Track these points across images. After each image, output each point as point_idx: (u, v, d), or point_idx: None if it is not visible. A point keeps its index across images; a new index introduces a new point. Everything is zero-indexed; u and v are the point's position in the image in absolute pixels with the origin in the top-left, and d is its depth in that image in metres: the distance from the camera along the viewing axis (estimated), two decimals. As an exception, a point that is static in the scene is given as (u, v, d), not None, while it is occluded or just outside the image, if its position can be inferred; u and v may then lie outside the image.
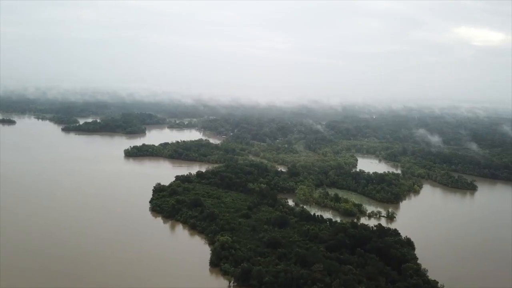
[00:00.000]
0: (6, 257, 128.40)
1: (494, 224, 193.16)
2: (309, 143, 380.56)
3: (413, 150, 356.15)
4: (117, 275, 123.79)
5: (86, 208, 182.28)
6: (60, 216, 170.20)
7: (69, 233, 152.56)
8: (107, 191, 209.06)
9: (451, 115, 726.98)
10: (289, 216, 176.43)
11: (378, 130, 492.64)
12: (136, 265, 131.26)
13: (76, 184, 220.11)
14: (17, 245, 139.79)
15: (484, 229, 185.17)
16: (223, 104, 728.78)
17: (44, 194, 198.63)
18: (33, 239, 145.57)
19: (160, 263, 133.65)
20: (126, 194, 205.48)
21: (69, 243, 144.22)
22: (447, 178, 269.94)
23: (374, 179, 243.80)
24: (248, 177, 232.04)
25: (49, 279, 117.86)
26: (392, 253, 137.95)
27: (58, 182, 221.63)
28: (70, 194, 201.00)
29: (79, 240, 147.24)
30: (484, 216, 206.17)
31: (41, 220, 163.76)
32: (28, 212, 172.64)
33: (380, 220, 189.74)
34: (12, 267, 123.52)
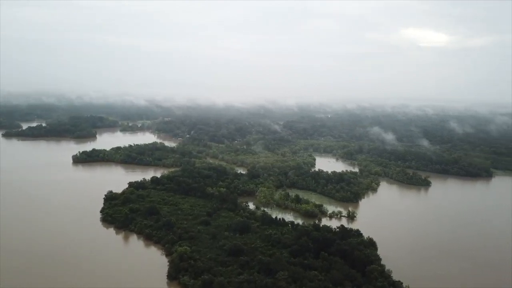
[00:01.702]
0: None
1: (449, 219, 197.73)
2: (267, 143, 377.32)
3: (369, 148, 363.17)
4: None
5: (28, 222, 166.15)
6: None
7: (7, 252, 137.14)
8: (53, 203, 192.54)
9: (402, 113, 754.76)
10: (250, 220, 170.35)
11: (334, 129, 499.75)
12: (87, 281, 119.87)
13: (16, 195, 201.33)
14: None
15: (440, 224, 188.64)
16: (179, 105, 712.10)
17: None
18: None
19: (114, 278, 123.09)
20: (74, 205, 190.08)
21: (6, 263, 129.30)
22: (403, 175, 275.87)
23: (333, 179, 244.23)
24: (206, 181, 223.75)
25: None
26: (356, 255, 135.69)
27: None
28: (10, 208, 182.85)
29: (19, 259, 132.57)
30: (440, 211, 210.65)
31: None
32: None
33: (341, 220, 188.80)
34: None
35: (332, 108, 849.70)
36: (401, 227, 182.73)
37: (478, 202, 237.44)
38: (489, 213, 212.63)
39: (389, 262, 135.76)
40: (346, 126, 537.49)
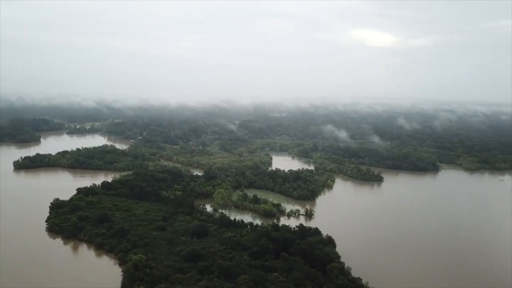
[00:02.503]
0: None
1: (402, 213, 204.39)
2: (224, 143, 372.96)
3: (324, 146, 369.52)
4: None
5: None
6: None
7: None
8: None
9: (353, 111, 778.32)
10: (208, 224, 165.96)
11: (289, 128, 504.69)
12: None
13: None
14: None
15: (394, 218, 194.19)
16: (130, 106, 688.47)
17: None
18: None
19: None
20: (15, 215, 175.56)
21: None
22: (357, 171, 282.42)
23: (290, 177, 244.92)
24: (161, 184, 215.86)
25: None
26: (316, 254, 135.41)
27: None
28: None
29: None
30: (393, 206, 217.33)
31: None
32: None
33: (300, 219, 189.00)
34: None
35: (287, 107, 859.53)
36: (357, 223, 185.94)
37: (427, 195, 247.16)
38: (437, 204, 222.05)
39: (348, 259, 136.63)
40: (300, 124, 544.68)
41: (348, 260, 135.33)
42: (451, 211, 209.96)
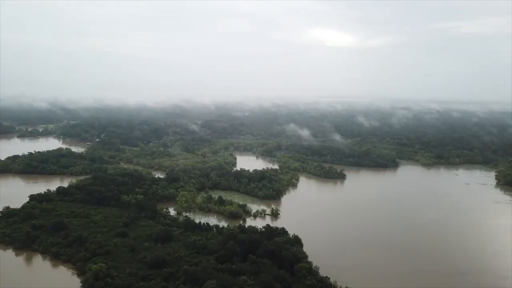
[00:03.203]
0: None
1: (365, 209, 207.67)
2: (186, 144, 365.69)
3: (287, 145, 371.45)
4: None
5: None
6: None
7: None
8: None
9: (314, 110, 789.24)
10: (172, 228, 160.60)
11: (253, 127, 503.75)
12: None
13: None
14: None
15: (357, 215, 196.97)
16: (85, 107, 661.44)
17: None
18: None
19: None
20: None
21: None
22: (320, 169, 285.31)
23: (255, 177, 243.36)
24: (121, 188, 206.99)
25: None
26: (283, 254, 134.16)
27: None
28: None
29: None
30: (356, 202, 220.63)
31: None
32: None
33: (266, 219, 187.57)
34: None
35: (249, 106, 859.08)
36: (323, 221, 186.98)
37: (389, 191, 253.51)
38: (399, 200, 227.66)
39: (316, 258, 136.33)
40: (263, 124, 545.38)
41: (316, 259, 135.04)
42: (413, 206, 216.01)
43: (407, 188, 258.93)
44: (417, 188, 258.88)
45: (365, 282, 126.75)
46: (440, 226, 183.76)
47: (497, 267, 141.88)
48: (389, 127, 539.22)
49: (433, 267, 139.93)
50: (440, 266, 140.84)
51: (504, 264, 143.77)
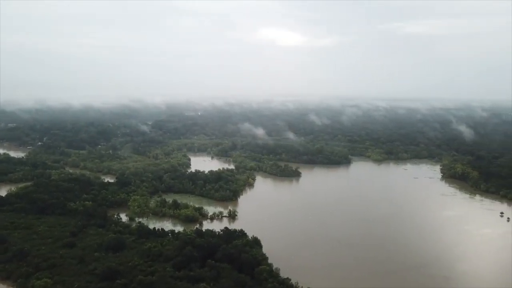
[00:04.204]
0: None
1: (322, 207, 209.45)
2: (136, 146, 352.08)
3: (242, 144, 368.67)
4: None
5: None
6: None
7: None
8: None
9: (267, 108, 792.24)
10: (124, 235, 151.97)
11: (206, 127, 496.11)
12: None
13: None
14: None
15: (315, 213, 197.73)
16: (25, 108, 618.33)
17: None
18: None
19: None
20: None
21: None
22: (276, 168, 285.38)
23: (211, 178, 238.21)
24: (67, 195, 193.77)
25: None
26: (243, 258, 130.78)
27: None
28: None
29: None
30: (312, 200, 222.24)
31: None
32: None
33: (223, 221, 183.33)
34: None
35: (202, 105, 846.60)
36: (281, 220, 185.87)
37: (343, 187, 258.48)
38: (354, 196, 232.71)
39: (276, 260, 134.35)
40: (217, 123, 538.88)
41: (276, 261, 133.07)
42: (366, 201, 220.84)
43: (360, 184, 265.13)
44: (369, 184, 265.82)
45: (325, 281, 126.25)
46: (394, 220, 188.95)
47: (450, 257, 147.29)
48: (340, 124, 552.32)
49: (390, 261, 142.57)
50: (396, 260, 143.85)
51: (456, 254, 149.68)
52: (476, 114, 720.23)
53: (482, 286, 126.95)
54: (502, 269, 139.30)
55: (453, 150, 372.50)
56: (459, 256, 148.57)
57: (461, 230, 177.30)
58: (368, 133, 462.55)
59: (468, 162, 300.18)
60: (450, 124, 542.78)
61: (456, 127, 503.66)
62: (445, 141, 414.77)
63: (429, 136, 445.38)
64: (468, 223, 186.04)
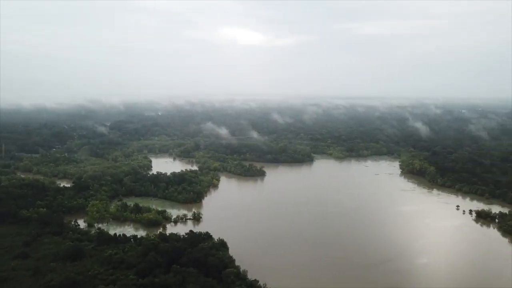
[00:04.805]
0: None
1: (286, 205, 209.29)
2: (94, 148, 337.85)
3: (205, 144, 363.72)
4: None
5: None
6: None
7: None
8: None
9: (230, 107, 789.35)
10: (83, 243, 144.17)
11: (168, 127, 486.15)
12: None
13: None
14: None
15: (281, 212, 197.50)
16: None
17: None
18: None
19: None
20: None
21: None
22: (240, 167, 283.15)
23: (174, 180, 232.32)
24: (19, 202, 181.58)
25: None
26: (210, 261, 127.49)
27: None
28: None
29: None
30: (277, 199, 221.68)
31: None
32: None
33: (188, 224, 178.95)
34: None
35: (162, 105, 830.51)
36: (247, 221, 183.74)
37: (308, 185, 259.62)
38: (319, 193, 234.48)
39: (243, 261, 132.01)
40: (179, 123, 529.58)
41: (243, 263, 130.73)
42: (330, 198, 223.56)
43: (324, 182, 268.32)
44: (333, 181, 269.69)
45: (294, 281, 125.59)
46: (358, 216, 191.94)
47: (413, 251, 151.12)
48: (302, 123, 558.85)
49: (356, 258, 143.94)
50: (362, 256, 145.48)
51: (418, 248, 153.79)
52: (430, 111, 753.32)
53: (443, 277, 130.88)
54: (461, 260, 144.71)
55: (411, 146, 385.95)
56: (421, 250, 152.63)
57: (421, 223, 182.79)
58: (329, 131, 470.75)
59: (425, 158, 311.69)
60: (406, 121, 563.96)
61: (412, 124, 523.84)
62: (403, 138, 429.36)
63: (387, 133, 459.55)
64: (427, 217, 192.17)
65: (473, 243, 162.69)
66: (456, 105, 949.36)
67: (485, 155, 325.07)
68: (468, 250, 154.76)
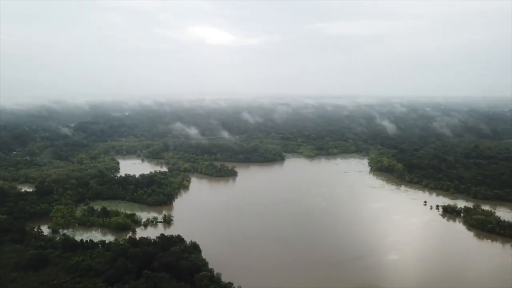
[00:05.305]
0: None
1: (260, 205, 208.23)
2: (58, 151, 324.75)
3: (175, 145, 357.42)
4: None
5: None
6: None
7: None
8: None
9: (199, 107, 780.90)
10: (47, 250, 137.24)
11: (135, 128, 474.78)
12: None
13: None
14: None
15: (254, 212, 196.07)
16: None
17: None
18: None
19: None
20: None
21: None
22: (211, 168, 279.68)
23: (143, 182, 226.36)
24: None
25: None
26: (182, 265, 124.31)
27: None
28: None
29: None
30: (250, 199, 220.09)
31: None
32: None
33: (158, 228, 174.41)
34: None
35: (129, 105, 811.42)
36: (219, 222, 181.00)
37: (280, 184, 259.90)
38: (290, 192, 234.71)
39: (216, 264, 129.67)
40: (147, 124, 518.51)
41: (217, 265, 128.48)
42: (302, 197, 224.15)
43: (295, 181, 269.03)
44: (304, 180, 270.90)
45: (268, 282, 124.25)
46: (329, 214, 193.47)
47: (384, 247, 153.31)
48: (272, 122, 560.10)
49: (328, 256, 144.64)
50: (334, 254, 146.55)
51: (388, 244, 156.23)
52: (396, 109, 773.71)
53: (413, 272, 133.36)
54: (430, 255, 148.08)
55: (379, 144, 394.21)
56: (391, 246, 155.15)
57: (391, 220, 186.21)
58: (300, 130, 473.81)
59: (392, 155, 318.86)
60: (374, 120, 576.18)
61: (380, 122, 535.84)
62: (371, 136, 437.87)
63: (356, 131, 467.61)
64: (397, 213, 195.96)
65: (441, 237, 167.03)
66: (420, 104, 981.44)
67: (449, 151, 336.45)
68: (436, 244, 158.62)
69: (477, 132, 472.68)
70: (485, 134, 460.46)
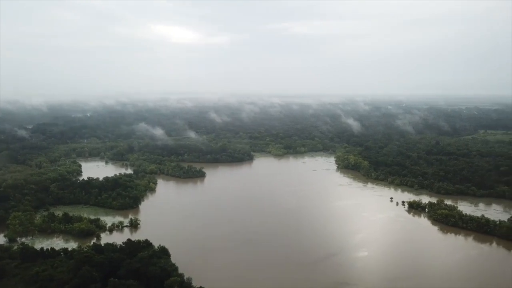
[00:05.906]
0: None
1: (229, 206, 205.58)
2: (14, 154, 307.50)
3: (140, 146, 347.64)
4: None
5: None
6: None
7: None
8: None
9: (164, 107, 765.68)
10: (4, 261, 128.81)
11: (98, 129, 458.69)
12: None
13: None
14: None
15: (223, 213, 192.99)
16: None
17: None
18: None
19: None
20: None
21: None
22: (178, 169, 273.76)
23: (107, 185, 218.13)
24: None
25: None
26: (151, 271, 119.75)
27: None
28: None
29: None
30: (219, 200, 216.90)
31: None
32: None
33: (124, 232, 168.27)
34: None
35: (90, 106, 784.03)
36: (188, 225, 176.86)
37: (247, 184, 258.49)
38: (260, 192, 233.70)
39: (187, 268, 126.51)
40: (110, 124, 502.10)
41: (187, 269, 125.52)
42: (271, 196, 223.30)
43: (264, 180, 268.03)
44: (273, 179, 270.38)
45: (240, 285, 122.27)
46: (299, 213, 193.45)
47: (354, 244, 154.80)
48: (240, 121, 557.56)
49: (300, 255, 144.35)
50: (306, 252, 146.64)
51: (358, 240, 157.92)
52: (360, 108, 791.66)
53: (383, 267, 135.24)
54: (398, 249, 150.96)
55: (345, 142, 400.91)
56: (360, 243, 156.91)
57: (359, 217, 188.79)
58: (267, 129, 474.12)
59: (358, 152, 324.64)
60: (339, 118, 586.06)
61: (345, 121, 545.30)
62: (337, 134, 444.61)
63: (322, 129, 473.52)
64: (364, 210, 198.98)
65: (408, 233, 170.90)
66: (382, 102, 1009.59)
67: (412, 148, 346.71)
68: (403, 239, 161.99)
69: (437, 129, 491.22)
70: (445, 131, 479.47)
